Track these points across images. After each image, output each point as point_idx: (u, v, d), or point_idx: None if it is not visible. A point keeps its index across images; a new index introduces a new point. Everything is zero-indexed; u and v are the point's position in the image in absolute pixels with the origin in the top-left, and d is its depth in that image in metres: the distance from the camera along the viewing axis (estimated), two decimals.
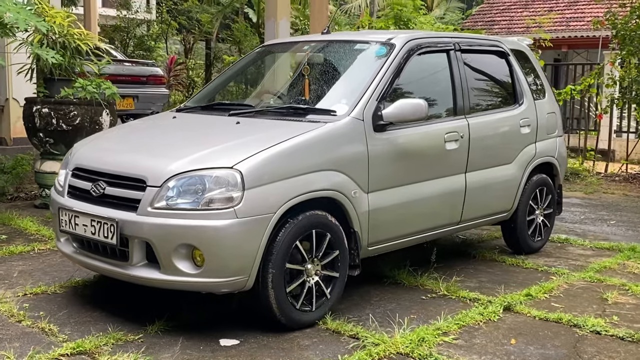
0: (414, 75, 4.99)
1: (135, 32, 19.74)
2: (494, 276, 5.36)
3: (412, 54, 4.89)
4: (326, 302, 4.21)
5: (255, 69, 5.59)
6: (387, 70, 4.64)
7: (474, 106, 5.37)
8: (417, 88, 5.02)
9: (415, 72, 5.01)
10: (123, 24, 20.05)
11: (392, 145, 4.54)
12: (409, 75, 4.91)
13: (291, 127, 4.26)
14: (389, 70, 4.64)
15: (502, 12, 25.90)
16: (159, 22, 19.85)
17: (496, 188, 5.50)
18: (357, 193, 4.32)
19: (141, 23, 20.23)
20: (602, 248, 6.40)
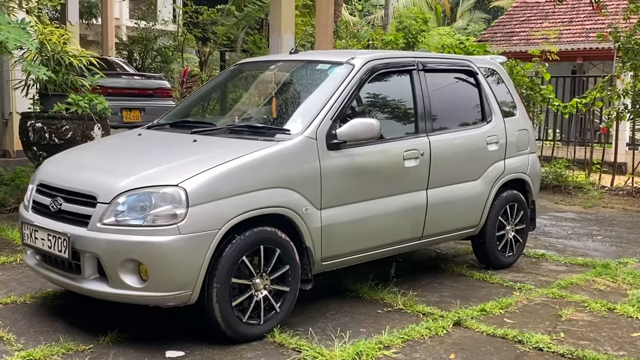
0: (375, 95, 5.11)
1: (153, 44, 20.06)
2: (457, 291, 5.45)
3: (372, 74, 5.02)
4: (275, 316, 4.34)
5: (227, 87, 5.75)
6: (344, 90, 4.77)
7: (437, 125, 5.47)
8: (377, 107, 5.16)
9: (376, 91, 5.15)
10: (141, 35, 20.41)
11: (346, 163, 4.67)
12: (368, 94, 5.04)
13: (244, 146, 4.42)
14: (345, 90, 4.78)
15: (522, 23, 25.84)
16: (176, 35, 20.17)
17: (461, 204, 5.59)
18: (309, 210, 4.45)
19: (160, 35, 20.56)
20: (576, 264, 6.45)
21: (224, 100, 5.50)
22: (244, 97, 5.46)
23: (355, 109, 4.90)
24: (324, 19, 12.90)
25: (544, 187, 11.72)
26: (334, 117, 4.63)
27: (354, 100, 4.88)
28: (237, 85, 5.68)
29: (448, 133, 5.52)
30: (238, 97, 5.46)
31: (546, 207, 10.01)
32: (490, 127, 5.85)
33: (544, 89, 13.03)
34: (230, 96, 5.51)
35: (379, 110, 5.18)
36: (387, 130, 5.11)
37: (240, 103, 5.40)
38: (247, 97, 5.45)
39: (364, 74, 4.95)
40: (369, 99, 5.09)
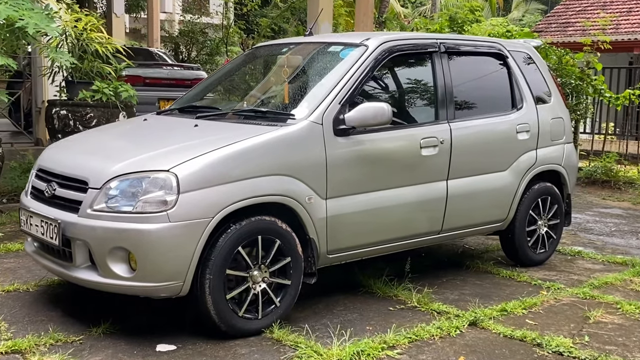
0: (391, 78, 4.82)
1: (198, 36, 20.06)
2: (480, 289, 5.12)
3: (387, 56, 4.72)
4: (275, 311, 4.10)
5: (241, 71, 5.52)
6: (356, 73, 4.49)
7: (461, 111, 5.14)
8: (392, 91, 4.86)
9: (392, 74, 4.85)
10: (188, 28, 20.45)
11: (355, 150, 4.39)
12: (384, 78, 4.75)
13: (244, 131, 4.18)
14: (357, 73, 4.49)
15: (578, 13, 24.98)
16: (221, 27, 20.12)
17: (486, 196, 5.25)
18: (313, 199, 4.19)
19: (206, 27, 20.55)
20: (614, 262, 6.03)
21: (235, 84, 5.27)
22: (255, 81, 5.22)
23: (368, 93, 4.60)
24: (363, 7, 12.59)
25: (593, 182, 11.23)
26: (343, 101, 4.36)
27: (367, 84, 4.59)
28: (250, 69, 5.45)
29: (472, 120, 5.18)
30: (250, 81, 5.22)
31: (592, 203, 9.52)
32: (520, 114, 5.48)
33: (595, 80, 12.46)
34: (243, 80, 5.27)
35: (395, 95, 4.87)
36: (404, 116, 4.83)
37: (250, 87, 5.16)
38: (258, 81, 5.20)
39: (378, 55, 4.65)
40: (384, 83, 4.79)
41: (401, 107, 4.83)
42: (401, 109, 4.82)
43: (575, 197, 9.90)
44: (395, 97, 4.88)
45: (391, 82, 4.90)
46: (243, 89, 5.19)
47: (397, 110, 4.77)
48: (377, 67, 4.65)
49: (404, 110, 4.85)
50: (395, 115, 4.68)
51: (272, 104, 4.67)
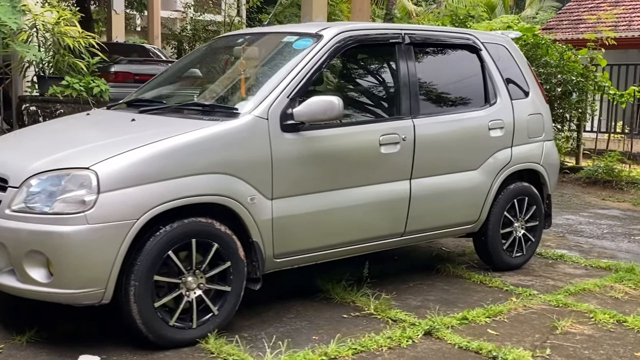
0: (348, 71, 4.53)
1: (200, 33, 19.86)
2: (446, 294, 4.81)
3: (344, 47, 4.42)
4: (213, 319, 3.82)
5: (198, 63, 5.23)
6: (307, 65, 4.20)
7: (427, 106, 4.84)
8: (350, 85, 4.58)
9: (350, 67, 4.56)
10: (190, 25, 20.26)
11: (305, 147, 4.10)
12: (340, 70, 4.46)
13: (181, 125, 3.92)
14: (309, 65, 4.20)
15: (591, 10, 24.50)
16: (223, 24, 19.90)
17: (454, 197, 4.94)
18: (257, 199, 3.91)
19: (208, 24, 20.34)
20: (598, 267, 5.69)
21: (189, 77, 4.99)
22: (209, 73, 4.94)
23: (322, 86, 4.31)
24: (359, 3, 12.30)
25: (594, 183, 10.87)
26: (293, 95, 4.07)
27: (320, 76, 4.29)
28: (207, 62, 5.16)
29: (439, 116, 4.87)
30: (205, 73, 4.94)
31: (590, 203, 9.16)
32: (493, 110, 5.16)
33: (599, 77, 12.09)
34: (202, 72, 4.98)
35: (352, 88, 4.59)
36: (362, 111, 4.54)
37: (203, 80, 4.88)
38: (212, 73, 4.92)
39: (335, 46, 4.35)
40: (340, 76, 4.51)
41: (359, 102, 4.55)
42: (359, 103, 4.54)
43: (574, 198, 9.57)
44: (353, 91, 4.60)
45: (349, 75, 4.61)
46: (197, 82, 4.91)
47: (355, 104, 4.50)
48: (332, 58, 4.36)
49: (363, 105, 4.57)
50: (352, 110, 4.42)
51: (219, 97, 4.38)
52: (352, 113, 4.48)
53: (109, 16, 17.78)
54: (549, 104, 11.42)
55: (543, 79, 11.27)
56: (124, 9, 18.34)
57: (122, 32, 17.93)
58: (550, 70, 11.40)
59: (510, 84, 5.32)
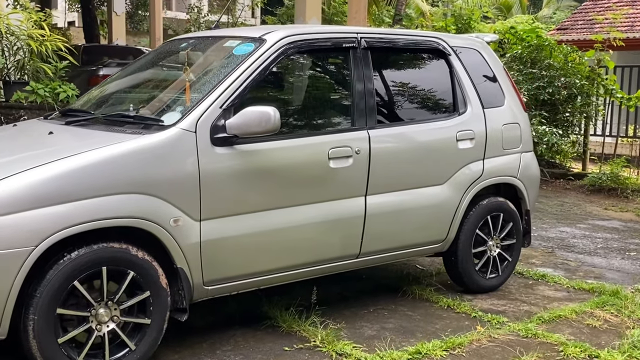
0: (294, 79, 4.14)
1: None
2: (407, 321, 4.41)
3: (290, 52, 4.04)
4: (130, 355, 3.46)
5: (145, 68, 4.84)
6: (245, 72, 3.82)
7: (385, 116, 4.44)
8: (295, 94, 4.17)
9: (296, 74, 4.16)
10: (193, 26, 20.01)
11: (239, 162, 3.72)
12: (284, 78, 4.08)
13: (98, 139, 3.55)
14: (247, 72, 3.82)
15: (606, 10, 23.85)
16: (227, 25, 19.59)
17: (417, 215, 4.53)
18: (181, 221, 3.54)
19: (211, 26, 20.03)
20: (581, 289, 5.24)
21: (133, 83, 4.60)
22: (151, 80, 4.55)
23: (262, 96, 3.93)
24: (355, 4, 11.89)
25: (598, 190, 10.38)
26: (226, 105, 3.69)
27: (262, 85, 3.92)
28: (152, 67, 4.77)
29: (399, 127, 4.47)
30: (147, 80, 4.55)
31: (591, 214, 8.68)
32: (462, 119, 4.74)
33: (606, 80, 11.58)
34: (141, 79, 4.60)
35: (298, 98, 4.20)
36: (308, 123, 4.14)
37: (140, 87, 4.50)
38: (152, 80, 4.54)
39: (279, 52, 3.97)
40: (284, 84, 4.12)
41: (306, 112, 4.15)
42: (306, 114, 4.14)
43: (574, 207, 9.10)
44: (300, 101, 4.20)
45: (296, 83, 4.22)
46: (136, 90, 4.53)
47: (301, 115, 4.10)
48: (276, 65, 3.97)
49: (310, 116, 4.17)
50: (298, 121, 4.03)
51: (148, 107, 4.00)
52: (297, 124, 4.10)
53: (109, 18, 17.56)
54: (552, 107, 11.07)
55: (546, 82, 10.83)
56: (125, 10, 18.10)
57: (123, 33, 17.69)
58: (554, 73, 10.93)
59: (482, 91, 4.89)
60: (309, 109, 4.20)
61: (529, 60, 11.24)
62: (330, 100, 4.34)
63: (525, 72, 11.02)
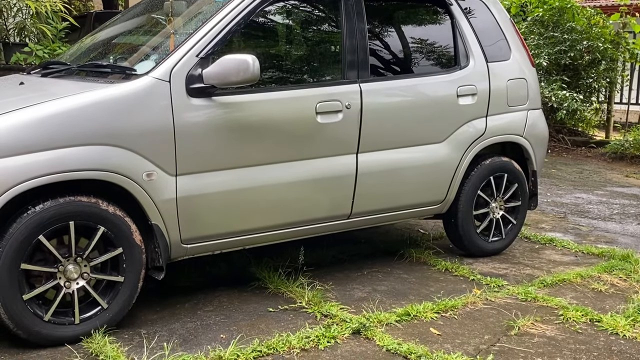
0: (279, 26, 3.92)
1: None
2: (401, 284, 4.22)
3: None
4: (102, 314, 3.32)
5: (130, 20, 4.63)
6: (225, 18, 3.61)
7: (379, 69, 4.21)
8: (279, 42, 3.96)
9: (282, 21, 3.95)
10: None
11: (218, 115, 3.53)
12: (269, 25, 3.87)
13: (68, 89, 3.38)
14: (227, 18, 3.62)
15: None
16: None
17: (414, 174, 4.32)
18: (155, 176, 3.37)
19: None
20: (589, 253, 5.00)
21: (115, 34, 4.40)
22: (134, 30, 4.35)
23: (243, 44, 3.73)
24: None
25: (621, 158, 10.06)
26: (203, 54, 3.50)
27: (244, 32, 3.71)
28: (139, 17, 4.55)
29: (394, 81, 4.24)
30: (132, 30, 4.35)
31: (610, 181, 8.38)
32: (464, 73, 4.49)
33: (633, 44, 11.16)
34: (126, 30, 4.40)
35: (285, 47, 3.98)
36: (295, 74, 3.93)
37: (124, 37, 4.29)
38: (136, 30, 4.33)
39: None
40: (269, 31, 3.91)
41: (291, 63, 3.94)
42: (292, 64, 3.93)
43: (594, 174, 8.80)
44: (285, 50, 3.99)
45: (282, 31, 4.01)
46: (120, 40, 4.32)
47: (286, 66, 3.90)
48: (259, 11, 3.75)
49: (297, 67, 3.96)
50: (282, 73, 3.82)
51: (124, 56, 3.81)
52: (282, 76, 3.89)
53: None
54: (575, 72, 10.69)
55: (568, 46, 10.45)
56: None
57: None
58: (576, 36, 10.54)
59: (487, 44, 4.63)
60: (296, 60, 3.98)
61: (551, 24, 10.85)
62: (318, 50, 4.11)
63: (547, 35, 10.65)
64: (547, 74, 10.50)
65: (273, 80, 3.80)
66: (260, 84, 3.67)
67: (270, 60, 3.88)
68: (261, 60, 3.50)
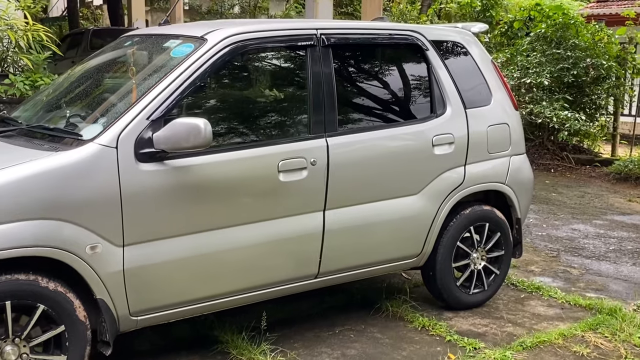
0: (239, 83, 3.74)
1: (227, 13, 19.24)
2: (373, 347, 4.02)
3: (236, 54, 3.64)
4: None
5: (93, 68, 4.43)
6: (178, 78, 3.43)
7: (349, 121, 4.02)
8: (240, 101, 3.77)
9: (243, 78, 3.76)
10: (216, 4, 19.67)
11: (170, 180, 3.35)
12: (227, 83, 3.68)
13: (8, 157, 3.20)
14: (180, 78, 3.44)
15: None
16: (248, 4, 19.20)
17: (387, 228, 4.12)
18: (100, 248, 3.19)
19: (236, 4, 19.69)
20: (577, 305, 4.77)
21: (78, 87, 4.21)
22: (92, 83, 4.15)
23: (199, 105, 3.55)
24: None
25: (625, 179, 9.78)
26: (154, 116, 3.32)
27: (200, 92, 3.53)
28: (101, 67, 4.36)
29: (364, 133, 4.04)
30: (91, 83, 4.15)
31: (611, 207, 8.13)
32: (440, 122, 4.29)
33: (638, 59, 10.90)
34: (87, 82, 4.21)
35: (246, 105, 3.78)
36: (256, 132, 3.74)
37: (86, 92, 4.08)
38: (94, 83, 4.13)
39: (220, 53, 3.57)
40: (227, 90, 3.72)
41: (252, 121, 3.74)
42: (252, 123, 3.74)
43: (596, 199, 8.55)
44: (245, 108, 3.79)
45: (241, 88, 3.81)
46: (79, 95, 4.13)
47: (245, 125, 3.72)
48: (217, 69, 3.57)
49: (257, 125, 3.76)
50: (242, 132, 3.63)
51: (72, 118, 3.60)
52: (242, 135, 3.69)
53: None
54: (579, 90, 10.42)
55: (571, 64, 10.19)
56: None
57: (142, 14, 17.42)
58: (579, 53, 10.28)
59: (465, 89, 4.42)
60: (257, 117, 3.78)
61: (554, 40, 10.59)
62: (282, 106, 3.92)
63: (549, 52, 10.39)
64: (550, 93, 10.25)
65: (232, 139, 3.61)
66: (218, 144, 3.48)
67: (229, 120, 3.69)
68: (220, 119, 3.33)
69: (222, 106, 3.71)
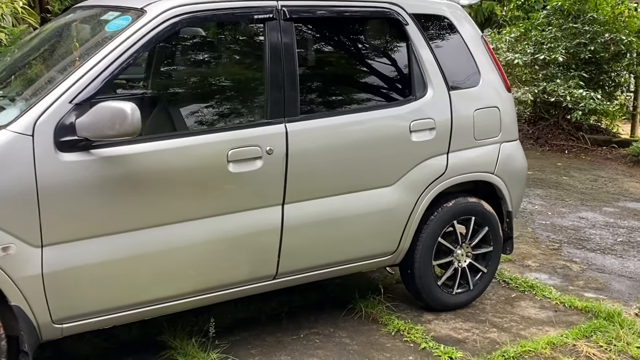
0: (183, 62, 3.31)
1: None
2: (338, 355, 3.64)
3: (176, 27, 3.20)
4: None
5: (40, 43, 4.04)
6: (108, 56, 3.03)
7: (312, 105, 3.59)
8: (185, 82, 3.35)
9: (190, 55, 3.34)
10: None
11: (97, 172, 2.95)
12: (168, 61, 3.27)
13: None
14: (111, 55, 3.03)
15: None
16: None
17: (356, 223, 3.71)
18: (13, 249, 2.82)
19: None
20: (572, 307, 4.34)
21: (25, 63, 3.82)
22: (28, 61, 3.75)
23: (135, 86, 3.13)
24: None
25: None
26: (78, 99, 2.92)
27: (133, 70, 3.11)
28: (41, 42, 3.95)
29: (331, 117, 3.60)
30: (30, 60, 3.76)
31: (626, 192, 7.62)
32: (418, 105, 3.84)
33: None
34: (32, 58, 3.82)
35: (191, 86, 3.37)
36: (201, 118, 3.32)
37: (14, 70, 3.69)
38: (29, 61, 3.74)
39: (160, 27, 3.14)
40: (170, 70, 3.30)
41: (197, 105, 3.34)
42: (197, 107, 3.33)
43: (609, 183, 8.04)
44: (188, 91, 3.38)
45: (184, 67, 3.39)
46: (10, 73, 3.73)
47: (189, 109, 3.29)
48: (155, 45, 3.17)
49: (202, 109, 3.35)
50: (183, 118, 3.21)
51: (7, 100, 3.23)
52: (184, 120, 3.28)
53: None
54: (597, 66, 9.85)
55: (588, 39, 9.61)
56: None
57: None
58: (598, 28, 9.69)
59: (450, 69, 3.96)
60: (202, 100, 3.38)
61: (572, 13, 10.00)
62: (232, 87, 3.50)
63: (566, 26, 9.81)
64: (565, 69, 9.68)
65: (172, 126, 3.20)
66: (154, 131, 3.08)
67: (170, 103, 3.28)
68: (158, 103, 2.90)
69: (161, 88, 3.30)
